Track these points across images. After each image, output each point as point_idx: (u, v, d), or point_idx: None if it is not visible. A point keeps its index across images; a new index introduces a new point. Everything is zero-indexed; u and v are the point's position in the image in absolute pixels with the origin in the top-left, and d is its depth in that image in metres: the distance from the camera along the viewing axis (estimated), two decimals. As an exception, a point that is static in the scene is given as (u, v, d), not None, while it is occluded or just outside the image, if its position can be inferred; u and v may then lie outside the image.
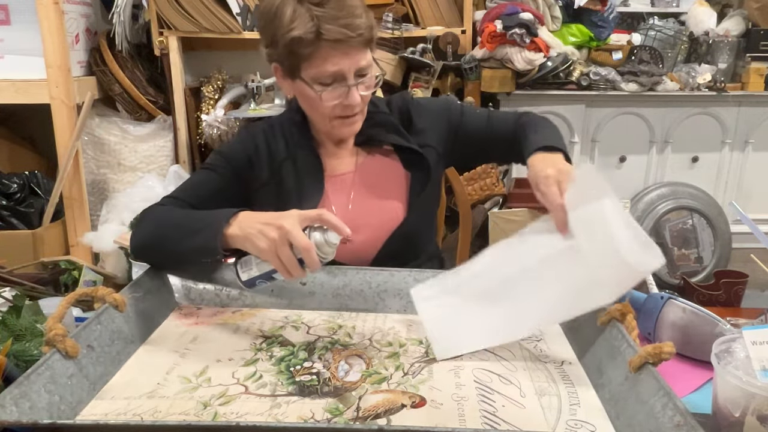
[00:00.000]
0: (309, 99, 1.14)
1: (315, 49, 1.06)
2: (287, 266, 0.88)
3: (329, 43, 1.05)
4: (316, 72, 1.09)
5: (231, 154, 1.22)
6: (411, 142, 1.23)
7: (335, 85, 1.10)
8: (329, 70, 1.08)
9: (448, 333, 0.96)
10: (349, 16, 1.05)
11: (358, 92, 1.12)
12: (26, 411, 0.69)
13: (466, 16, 2.82)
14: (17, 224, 2.54)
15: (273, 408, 0.77)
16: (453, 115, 1.28)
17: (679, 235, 3.03)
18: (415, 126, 1.26)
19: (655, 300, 1.09)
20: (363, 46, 1.09)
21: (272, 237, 0.88)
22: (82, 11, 2.74)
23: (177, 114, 2.82)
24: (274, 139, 1.24)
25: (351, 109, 1.14)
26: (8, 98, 2.52)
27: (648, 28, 3.10)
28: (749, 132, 3.04)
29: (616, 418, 0.77)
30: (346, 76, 1.09)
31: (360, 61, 1.10)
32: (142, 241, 1.09)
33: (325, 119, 1.17)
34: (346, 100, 1.12)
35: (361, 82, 1.12)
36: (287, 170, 1.21)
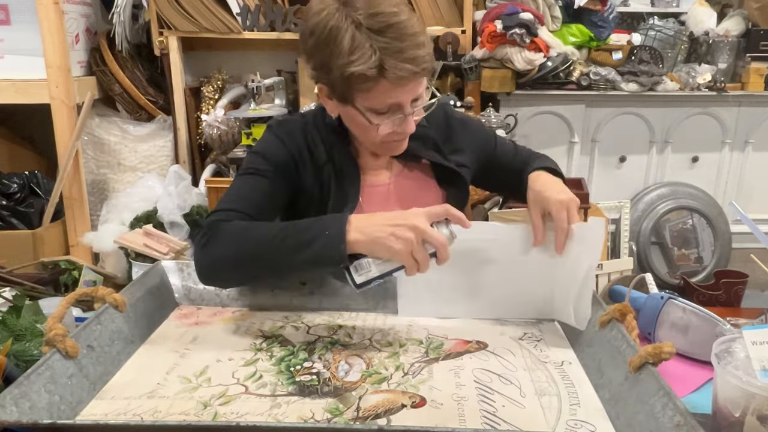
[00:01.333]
0: (360, 125, 1.08)
1: (375, 84, 0.99)
2: (422, 265, 0.89)
3: (392, 79, 0.99)
4: (373, 103, 1.03)
5: (274, 156, 1.13)
6: (449, 161, 1.21)
7: (390, 114, 1.05)
8: (388, 102, 1.03)
9: (416, 293, 1.05)
10: (412, 48, 0.98)
11: (413, 119, 1.07)
12: (26, 411, 0.69)
13: (466, 16, 2.82)
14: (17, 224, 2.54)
15: (273, 408, 0.77)
16: (489, 143, 1.29)
17: (679, 235, 3.03)
18: (453, 143, 1.24)
19: (655, 300, 1.09)
20: (422, 76, 1.03)
21: (407, 237, 0.87)
22: (82, 11, 2.74)
23: (177, 114, 2.82)
24: (313, 141, 1.17)
25: (403, 135, 1.09)
26: (8, 98, 2.52)
27: (648, 28, 3.10)
28: (749, 132, 3.04)
29: (616, 418, 0.77)
30: (403, 106, 1.04)
31: (418, 89, 1.04)
32: (225, 260, 0.98)
33: (373, 143, 1.12)
34: (399, 128, 1.07)
35: (416, 107, 1.07)
36: (328, 175, 1.16)
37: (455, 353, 0.93)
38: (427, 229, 0.87)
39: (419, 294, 1.05)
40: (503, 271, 1.03)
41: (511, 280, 1.04)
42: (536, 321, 1.06)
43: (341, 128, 1.16)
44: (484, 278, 1.04)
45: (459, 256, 0.99)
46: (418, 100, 1.07)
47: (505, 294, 1.05)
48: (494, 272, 1.04)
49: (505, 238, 1.03)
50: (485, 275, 1.04)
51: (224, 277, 1.02)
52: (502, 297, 1.05)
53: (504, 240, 1.03)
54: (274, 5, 2.72)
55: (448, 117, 1.26)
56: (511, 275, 1.03)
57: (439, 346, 0.95)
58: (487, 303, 1.05)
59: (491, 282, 1.04)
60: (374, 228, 0.89)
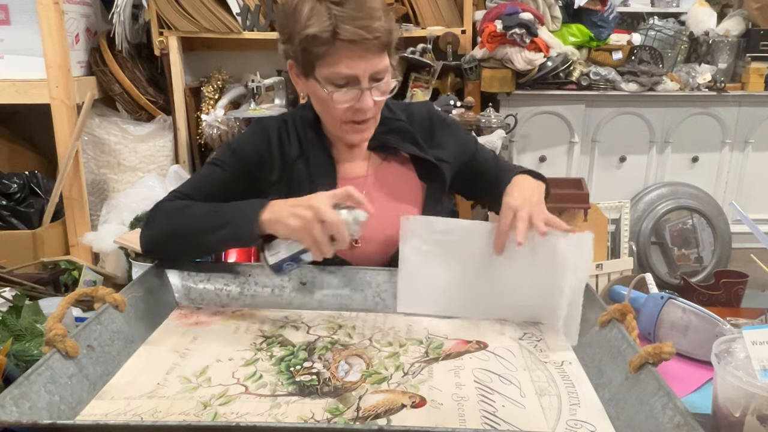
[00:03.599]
0: (321, 100, 1.12)
1: (330, 48, 1.04)
2: (319, 244, 0.93)
3: (345, 44, 1.03)
4: (330, 72, 1.07)
5: (241, 151, 1.19)
6: (428, 154, 1.22)
7: (348, 88, 1.08)
8: (343, 72, 1.06)
9: (414, 289, 1.06)
10: (367, 18, 1.03)
11: (372, 97, 1.09)
12: (26, 411, 0.69)
13: (466, 16, 2.82)
14: (17, 224, 2.54)
15: (273, 408, 0.77)
16: (469, 146, 1.29)
17: (679, 235, 3.03)
18: (435, 139, 1.25)
19: (655, 300, 1.09)
20: (380, 50, 1.06)
21: (304, 216, 0.92)
22: (82, 11, 2.74)
23: (177, 114, 2.82)
24: (287, 137, 1.21)
25: (363, 114, 1.11)
26: (8, 98, 2.52)
27: (648, 28, 3.10)
28: (749, 132, 3.04)
29: (616, 418, 0.77)
30: (360, 79, 1.07)
31: (376, 65, 1.07)
32: (159, 236, 1.09)
33: (336, 123, 1.14)
34: (358, 104, 1.09)
35: (376, 86, 1.09)
36: (300, 170, 1.19)
37: (455, 353, 0.93)
38: (322, 208, 0.92)
39: (418, 290, 1.06)
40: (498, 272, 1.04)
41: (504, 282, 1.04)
42: (536, 321, 1.06)
43: (316, 122, 1.21)
44: (481, 278, 1.05)
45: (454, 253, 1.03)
46: (378, 80, 1.09)
47: (501, 295, 1.05)
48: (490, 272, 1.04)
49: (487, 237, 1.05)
50: (483, 275, 1.05)
51: (159, 250, 1.11)
52: (500, 298, 1.05)
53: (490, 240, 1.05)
54: (274, 5, 2.72)
55: (431, 115, 1.28)
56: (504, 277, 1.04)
57: (439, 346, 0.95)
58: (485, 303, 1.05)
59: (489, 282, 1.05)
60: (281, 208, 0.97)
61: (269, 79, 2.79)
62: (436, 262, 1.05)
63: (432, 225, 1.05)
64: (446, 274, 1.05)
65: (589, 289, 1.03)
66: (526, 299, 1.04)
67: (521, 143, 2.92)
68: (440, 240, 1.05)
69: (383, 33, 1.05)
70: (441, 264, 1.05)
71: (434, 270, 1.05)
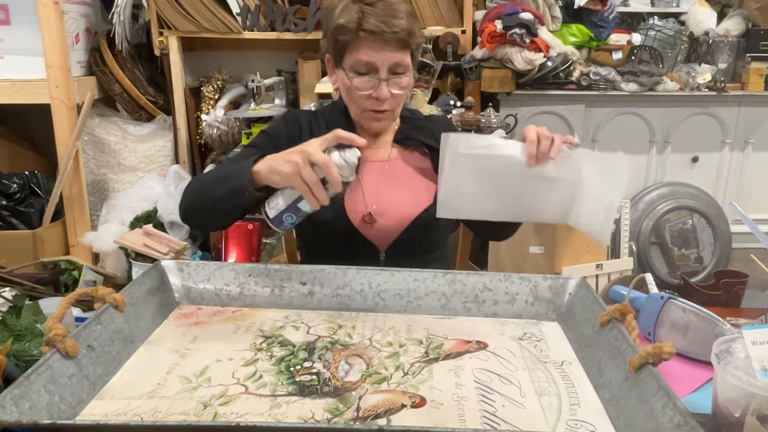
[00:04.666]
0: (346, 88, 1.24)
1: (354, 37, 1.17)
2: (311, 187, 0.96)
3: (366, 34, 1.16)
4: (353, 60, 1.19)
5: (274, 134, 1.30)
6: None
7: (368, 77, 1.20)
8: (363, 59, 1.18)
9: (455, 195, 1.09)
10: (390, 16, 1.17)
11: (389, 88, 1.20)
12: (26, 411, 0.69)
13: (466, 16, 2.82)
14: (17, 224, 2.54)
15: (273, 408, 0.77)
16: None
17: (679, 235, 3.03)
18: None
19: (655, 300, 1.09)
20: (399, 46, 1.18)
21: (295, 160, 0.96)
22: (82, 11, 2.74)
23: (177, 114, 2.82)
24: (317, 124, 1.32)
25: (380, 104, 1.22)
26: (8, 98, 2.52)
27: (648, 28, 3.10)
28: (749, 132, 3.04)
29: (616, 418, 0.77)
30: (378, 68, 1.19)
31: (395, 57, 1.19)
32: (186, 203, 1.20)
33: (357, 110, 1.26)
34: (375, 93, 1.20)
35: (394, 80, 1.21)
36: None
37: (455, 353, 0.93)
38: (311, 150, 0.96)
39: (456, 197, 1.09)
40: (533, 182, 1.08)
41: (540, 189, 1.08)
42: (536, 321, 1.06)
43: (345, 114, 1.31)
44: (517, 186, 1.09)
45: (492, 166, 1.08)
46: (397, 75, 1.21)
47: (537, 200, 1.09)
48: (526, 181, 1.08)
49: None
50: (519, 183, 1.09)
51: (192, 220, 1.24)
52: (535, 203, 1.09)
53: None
54: (274, 5, 2.72)
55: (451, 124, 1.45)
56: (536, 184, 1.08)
57: (439, 346, 0.95)
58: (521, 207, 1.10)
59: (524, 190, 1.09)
60: (274, 158, 1.01)
61: (269, 79, 2.79)
62: (473, 172, 1.08)
63: (471, 141, 1.09)
64: (483, 183, 1.08)
65: (589, 289, 1.03)
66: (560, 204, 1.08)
67: (521, 143, 2.92)
68: (478, 154, 1.08)
69: (402, 30, 1.17)
70: (478, 174, 1.09)
71: (472, 180, 1.08)
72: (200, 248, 2.80)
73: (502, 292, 1.09)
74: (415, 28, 1.21)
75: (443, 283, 1.09)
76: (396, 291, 1.08)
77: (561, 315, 1.06)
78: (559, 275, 1.12)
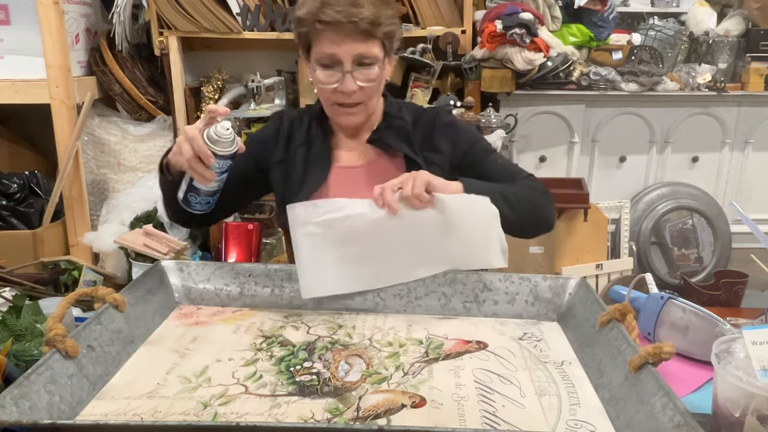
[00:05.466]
0: (315, 82, 1.20)
1: (313, 29, 1.14)
2: (189, 162, 1.01)
3: (324, 26, 1.12)
4: (316, 52, 1.16)
5: (255, 137, 1.33)
6: (419, 156, 1.25)
7: (333, 70, 1.16)
8: (325, 51, 1.14)
9: (318, 272, 1.06)
10: (350, 5, 1.11)
11: (354, 80, 1.15)
12: (26, 411, 0.69)
13: (466, 16, 2.82)
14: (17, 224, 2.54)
15: (273, 408, 0.77)
16: (474, 150, 1.29)
17: (679, 235, 3.03)
18: (432, 143, 1.28)
19: (655, 300, 1.09)
20: (361, 36, 1.13)
21: (179, 141, 1.02)
22: (82, 11, 2.74)
23: (177, 114, 2.82)
24: (300, 125, 1.30)
25: (347, 97, 1.17)
26: (8, 98, 2.52)
27: (648, 28, 3.10)
28: (749, 132, 3.04)
29: (616, 418, 0.77)
30: (342, 60, 1.14)
31: (358, 48, 1.14)
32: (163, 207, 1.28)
33: (327, 104, 1.23)
34: (340, 86, 1.16)
35: (360, 71, 1.15)
36: (300, 156, 1.27)
37: (455, 353, 0.93)
38: (187, 129, 1.02)
39: (319, 273, 1.06)
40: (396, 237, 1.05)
41: (407, 244, 1.06)
42: (536, 321, 1.06)
43: (323, 113, 1.28)
44: (383, 246, 1.06)
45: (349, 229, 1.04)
46: (364, 66, 1.16)
47: (409, 256, 1.07)
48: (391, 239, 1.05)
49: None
50: (384, 243, 1.05)
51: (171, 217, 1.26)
52: (408, 260, 1.07)
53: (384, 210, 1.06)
54: (274, 5, 2.72)
55: (437, 120, 1.30)
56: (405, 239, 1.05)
57: (439, 346, 0.95)
58: (393, 270, 1.07)
59: (392, 248, 1.06)
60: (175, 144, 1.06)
61: (269, 79, 2.79)
62: (331, 242, 1.05)
63: (318, 207, 1.06)
64: (345, 251, 1.06)
65: (590, 289, 1.03)
66: (433, 253, 1.06)
67: (521, 143, 2.92)
68: (330, 219, 1.05)
69: (364, 20, 1.11)
70: (337, 243, 1.05)
71: (331, 250, 1.05)
72: (200, 248, 2.80)
73: (502, 292, 1.09)
74: (383, 16, 1.14)
75: (443, 283, 1.09)
76: (396, 291, 1.08)
77: (561, 315, 1.06)
78: (559, 275, 1.12)
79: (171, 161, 1.10)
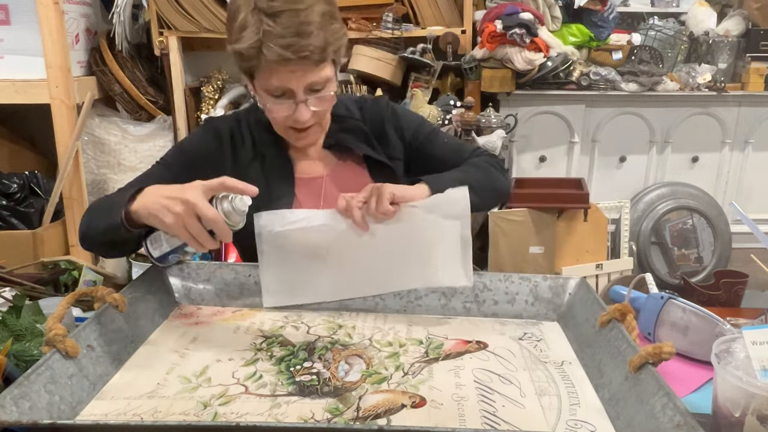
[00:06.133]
0: (263, 107, 1.13)
1: (258, 63, 1.04)
2: (198, 239, 0.88)
3: (270, 62, 1.02)
4: (264, 84, 1.07)
5: (189, 150, 1.20)
6: (380, 154, 1.23)
7: (284, 99, 1.08)
8: (275, 84, 1.06)
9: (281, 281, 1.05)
10: (294, 35, 1.00)
11: (308, 108, 1.09)
12: (26, 411, 0.69)
13: (466, 16, 2.82)
14: (17, 224, 2.54)
15: (273, 408, 0.77)
16: (420, 133, 1.27)
17: (679, 235, 3.03)
18: (386, 136, 1.25)
19: (655, 300, 1.09)
20: (313, 65, 1.04)
21: (177, 212, 0.87)
22: (82, 11, 2.74)
23: (177, 114, 2.82)
24: (241, 139, 1.21)
25: (302, 124, 1.11)
26: (8, 98, 2.52)
27: (648, 28, 3.10)
28: (749, 132, 3.04)
29: (616, 418, 0.77)
30: (294, 92, 1.07)
31: (309, 77, 1.06)
32: (81, 231, 1.09)
33: (280, 129, 1.16)
34: (294, 116, 1.09)
35: (314, 97, 1.09)
36: (255, 171, 1.19)
37: (455, 353, 0.93)
38: (197, 203, 0.86)
39: (283, 283, 1.05)
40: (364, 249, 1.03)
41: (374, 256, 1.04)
42: (536, 321, 1.06)
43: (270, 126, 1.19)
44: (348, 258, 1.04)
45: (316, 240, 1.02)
46: (317, 91, 1.08)
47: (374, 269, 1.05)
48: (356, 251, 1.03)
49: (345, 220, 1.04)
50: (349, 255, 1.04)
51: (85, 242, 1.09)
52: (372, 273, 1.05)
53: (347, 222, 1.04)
54: (274, 5, 2.72)
55: (383, 111, 1.27)
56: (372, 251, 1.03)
57: (439, 346, 0.95)
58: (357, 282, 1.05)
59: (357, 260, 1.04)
60: (153, 200, 0.91)
61: (269, 79, 2.78)
62: (295, 252, 1.03)
63: (285, 217, 1.04)
64: (310, 262, 1.04)
65: (590, 289, 1.03)
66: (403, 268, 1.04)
67: (521, 143, 2.92)
68: (297, 229, 1.03)
69: (312, 51, 1.02)
70: (302, 253, 1.03)
71: (296, 260, 1.03)
72: (200, 248, 2.80)
73: (502, 292, 1.09)
74: (331, 36, 1.05)
75: (443, 283, 1.09)
76: (396, 291, 1.08)
77: (561, 315, 1.06)
78: (559, 275, 1.12)
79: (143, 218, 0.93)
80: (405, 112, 1.31)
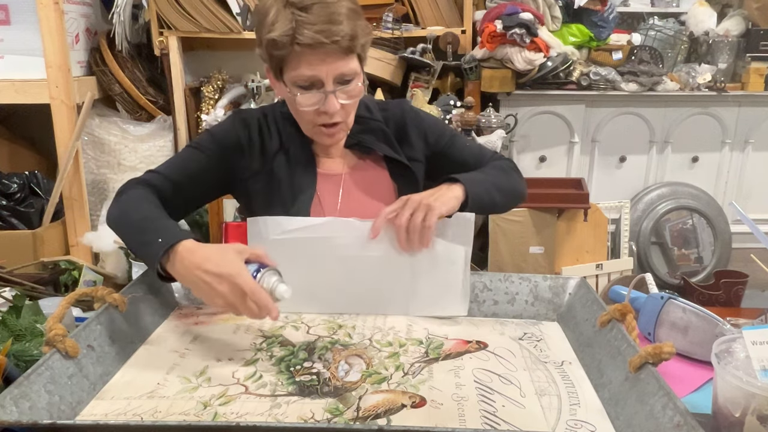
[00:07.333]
0: (292, 103, 1.14)
1: (290, 52, 1.06)
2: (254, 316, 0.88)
3: (304, 48, 1.05)
4: (294, 75, 1.09)
5: (223, 138, 1.21)
6: (401, 155, 1.24)
7: (314, 91, 1.10)
8: (305, 73, 1.07)
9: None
10: (326, 23, 1.04)
11: (337, 100, 1.10)
12: (26, 411, 0.69)
13: (466, 16, 2.82)
14: (17, 224, 2.54)
15: (273, 408, 0.77)
16: (443, 137, 1.28)
17: (679, 235, 3.03)
18: (408, 139, 1.27)
19: (655, 300, 1.09)
20: (342, 53, 1.07)
21: (223, 293, 0.87)
22: (82, 11, 2.74)
23: (177, 114, 2.82)
24: (268, 131, 1.23)
25: (329, 117, 1.12)
26: (8, 98, 2.52)
27: (648, 28, 3.10)
28: (749, 132, 3.04)
29: (616, 418, 0.77)
30: (323, 81, 1.08)
31: (340, 67, 1.08)
32: (111, 222, 1.09)
33: (307, 126, 1.17)
34: (323, 107, 1.10)
35: (342, 89, 1.10)
36: (280, 162, 1.21)
37: (455, 353, 0.93)
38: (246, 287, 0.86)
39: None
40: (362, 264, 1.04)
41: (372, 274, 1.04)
42: (536, 321, 1.06)
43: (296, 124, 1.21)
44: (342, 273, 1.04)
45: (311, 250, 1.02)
46: (345, 84, 1.10)
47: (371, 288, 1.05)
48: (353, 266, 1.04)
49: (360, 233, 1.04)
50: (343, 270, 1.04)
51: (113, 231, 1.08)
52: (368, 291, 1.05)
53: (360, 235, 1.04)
54: (274, 5, 2.72)
55: (405, 114, 1.29)
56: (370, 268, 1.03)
57: (439, 346, 0.95)
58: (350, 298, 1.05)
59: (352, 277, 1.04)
60: (190, 272, 0.90)
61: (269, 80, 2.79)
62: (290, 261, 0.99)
63: (281, 224, 1.03)
64: (306, 273, 1.02)
65: (589, 289, 1.03)
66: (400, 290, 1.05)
67: (521, 143, 2.92)
68: (293, 238, 1.02)
69: (343, 37, 1.05)
70: (296, 263, 1.01)
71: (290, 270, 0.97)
72: (200, 248, 2.79)
73: (502, 292, 1.09)
74: (359, 29, 1.08)
75: (443, 283, 1.08)
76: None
77: (561, 315, 1.06)
78: (559, 275, 1.12)
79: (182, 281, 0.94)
80: (428, 116, 1.33)
